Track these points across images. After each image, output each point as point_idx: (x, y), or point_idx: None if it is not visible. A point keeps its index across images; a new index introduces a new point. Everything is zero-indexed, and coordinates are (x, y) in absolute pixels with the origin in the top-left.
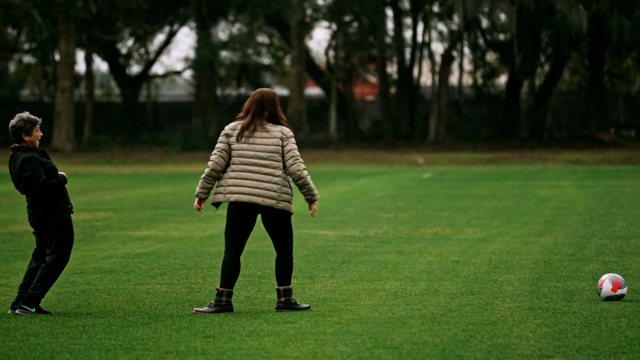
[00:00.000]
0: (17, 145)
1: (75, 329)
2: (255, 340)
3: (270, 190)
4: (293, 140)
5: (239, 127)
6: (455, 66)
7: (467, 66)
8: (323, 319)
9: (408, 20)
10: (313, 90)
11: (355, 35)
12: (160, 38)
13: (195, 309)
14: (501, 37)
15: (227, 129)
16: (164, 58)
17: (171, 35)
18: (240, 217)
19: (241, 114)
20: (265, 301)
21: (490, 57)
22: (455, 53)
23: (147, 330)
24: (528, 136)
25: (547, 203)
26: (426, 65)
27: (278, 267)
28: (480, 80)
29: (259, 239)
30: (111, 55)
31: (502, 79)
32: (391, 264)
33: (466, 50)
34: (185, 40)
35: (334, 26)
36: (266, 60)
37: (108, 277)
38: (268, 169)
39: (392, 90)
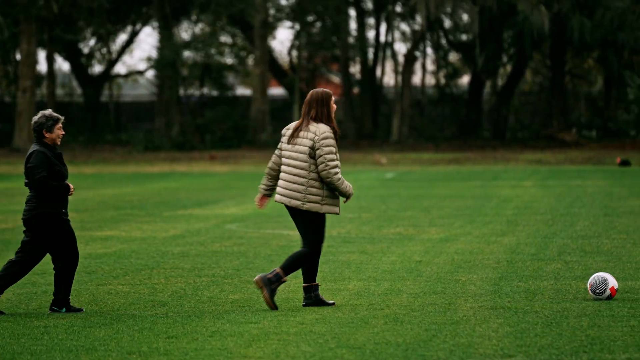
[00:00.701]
0: (37, 142)
1: (36, 329)
2: (218, 340)
3: (296, 192)
4: (327, 141)
5: (292, 128)
6: (418, 66)
7: (430, 66)
8: (286, 319)
9: (371, 21)
10: (276, 90)
11: (318, 35)
12: (122, 38)
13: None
14: (464, 37)
15: (284, 129)
16: (126, 58)
17: (133, 34)
18: (290, 216)
19: (325, 116)
20: (229, 301)
21: (453, 57)
22: (418, 53)
23: (109, 331)
24: (490, 136)
25: (509, 203)
26: (389, 65)
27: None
28: (443, 81)
29: (222, 239)
30: (73, 55)
31: (465, 79)
32: (354, 264)
33: (429, 50)
34: (147, 40)
35: (297, 26)
36: (229, 60)
37: None
38: (296, 170)
39: (355, 90)
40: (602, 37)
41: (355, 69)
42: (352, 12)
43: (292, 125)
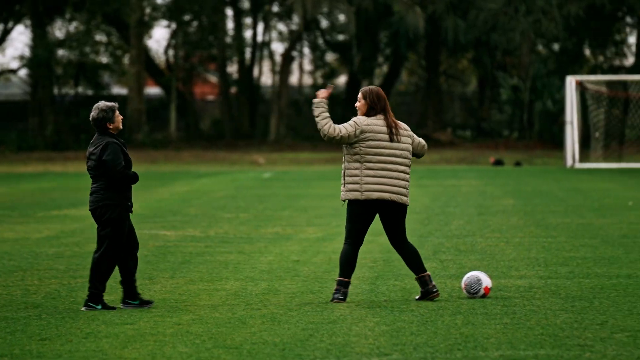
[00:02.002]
0: (100, 132)
1: None
2: (93, 342)
3: (403, 188)
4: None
5: (381, 125)
6: (295, 66)
7: (307, 66)
8: (163, 319)
9: (248, 20)
10: (153, 90)
11: (195, 35)
12: None
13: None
14: (340, 37)
15: (360, 122)
16: None
17: (5, 32)
18: (373, 214)
19: (388, 111)
20: None
21: (330, 57)
22: (295, 53)
23: None
24: None
25: None
26: (266, 65)
27: (409, 258)
28: (320, 80)
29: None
30: None
31: (342, 79)
32: (232, 264)
33: (306, 50)
34: (20, 38)
35: (174, 25)
36: (104, 59)
37: None
38: (402, 167)
39: (233, 89)
40: (475, 38)
41: (232, 68)
42: (229, 12)
43: (373, 120)
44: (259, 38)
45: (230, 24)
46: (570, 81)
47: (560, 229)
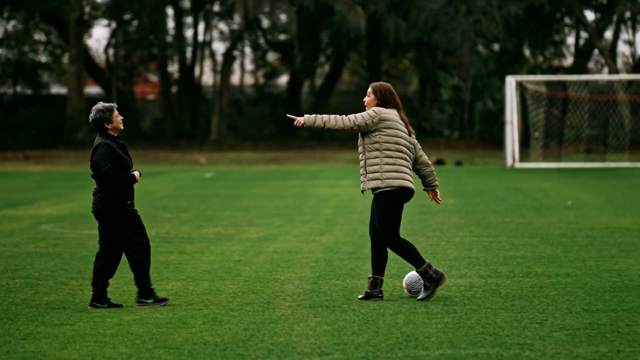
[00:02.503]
0: (100, 134)
1: None
2: (32, 343)
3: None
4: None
5: (398, 117)
6: (236, 66)
7: (249, 66)
8: (103, 320)
9: (189, 19)
10: (93, 89)
11: (136, 34)
12: None
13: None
14: (282, 37)
15: (380, 111)
16: None
17: None
18: (404, 203)
19: (397, 105)
20: (43, 303)
21: (271, 57)
22: (236, 52)
23: None
24: (309, 136)
25: (327, 202)
26: (208, 64)
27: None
28: (261, 80)
29: (37, 240)
30: None
31: (283, 79)
32: (173, 264)
33: (247, 50)
34: None
35: (114, 24)
36: (44, 58)
37: None
38: (410, 158)
39: (174, 89)
40: (416, 38)
41: (173, 68)
42: (170, 11)
43: (390, 111)
44: (200, 37)
45: (171, 23)
46: (510, 81)
47: (501, 229)
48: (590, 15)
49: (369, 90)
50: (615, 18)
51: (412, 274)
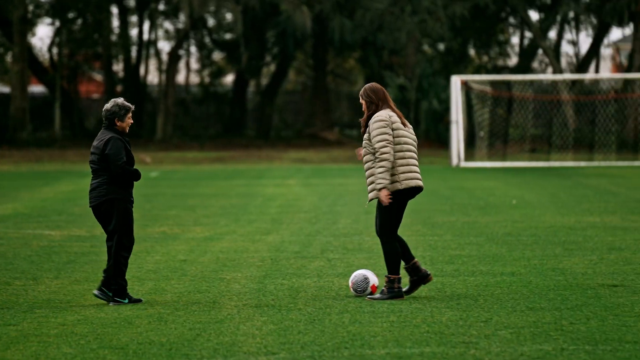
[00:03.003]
0: (108, 126)
1: None
2: None
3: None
4: None
5: (392, 113)
6: (182, 65)
7: (194, 65)
8: (47, 320)
9: (134, 18)
10: (36, 88)
11: (80, 33)
12: None
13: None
14: (227, 36)
15: (387, 117)
16: None
17: None
18: (405, 203)
19: (390, 103)
20: None
21: (217, 56)
22: (182, 52)
23: None
24: (255, 135)
25: (273, 201)
26: (153, 63)
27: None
28: (207, 79)
29: None
30: None
31: (229, 78)
32: None
33: (193, 49)
34: None
35: (58, 23)
36: None
37: None
38: (415, 151)
39: (119, 88)
40: (362, 38)
41: (118, 67)
42: (115, 10)
43: (388, 113)
44: (145, 36)
45: (115, 22)
46: (456, 81)
47: (446, 228)
48: (534, 15)
49: (360, 99)
50: (559, 18)
51: (358, 274)
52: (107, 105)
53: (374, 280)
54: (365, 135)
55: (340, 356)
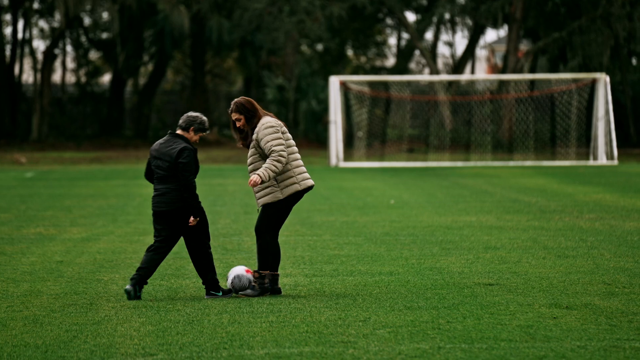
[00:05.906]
0: (176, 133)
1: None
2: None
3: None
4: None
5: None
6: (58, 64)
7: (71, 64)
8: None
9: (7, 17)
10: None
11: None
12: None
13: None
14: (104, 35)
15: (277, 124)
16: None
17: None
18: (297, 202)
19: (264, 111)
20: None
21: (94, 55)
22: (57, 51)
23: None
24: (133, 135)
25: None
26: (28, 62)
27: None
28: (83, 79)
29: None
30: None
31: (106, 78)
32: None
33: (69, 48)
34: None
35: None
36: None
37: None
38: None
39: None
40: (240, 38)
41: None
42: None
43: (275, 120)
44: (20, 35)
45: None
46: (334, 81)
47: (325, 227)
48: (411, 17)
49: (233, 116)
50: (435, 19)
51: (232, 275)
52: (196, 114)
53: (242, 270)
54: (254, 143)
55: (219, 357)
